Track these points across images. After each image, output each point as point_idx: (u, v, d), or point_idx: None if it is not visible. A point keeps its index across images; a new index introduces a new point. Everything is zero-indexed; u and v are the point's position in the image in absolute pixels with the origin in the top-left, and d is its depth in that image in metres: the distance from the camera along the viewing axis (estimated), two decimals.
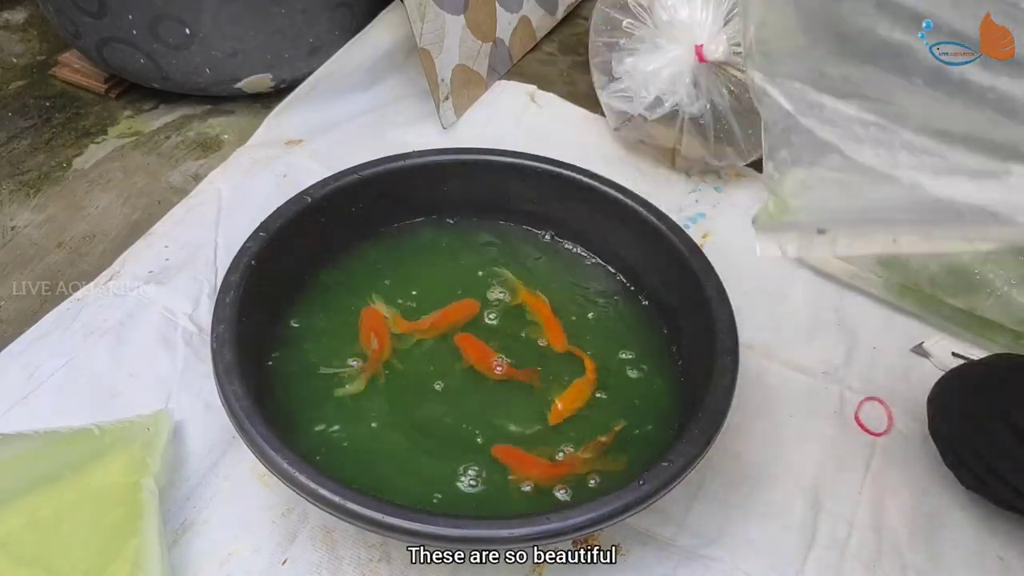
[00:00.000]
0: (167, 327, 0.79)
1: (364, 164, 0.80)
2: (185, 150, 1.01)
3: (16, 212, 0.92)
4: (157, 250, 0.86)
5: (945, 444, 0.71)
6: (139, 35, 0.94)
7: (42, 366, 0.75)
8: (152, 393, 0.74)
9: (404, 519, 0.55)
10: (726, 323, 0.70)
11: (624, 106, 0.98)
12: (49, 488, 0.61)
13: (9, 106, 1.05)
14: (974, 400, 0.68)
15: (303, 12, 0.99)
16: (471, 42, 1.05)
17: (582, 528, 0.56)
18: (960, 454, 0.69)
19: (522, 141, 0.98)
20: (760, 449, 0.76)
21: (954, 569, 0.69)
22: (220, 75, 1.00)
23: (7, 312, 0.81)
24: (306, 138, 1.00)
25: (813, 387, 0.81)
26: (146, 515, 0.61)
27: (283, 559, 0.65)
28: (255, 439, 0.59)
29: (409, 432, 0.69)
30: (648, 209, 0.79)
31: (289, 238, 0.75)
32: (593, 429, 0.71)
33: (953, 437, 0.70)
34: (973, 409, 0.68)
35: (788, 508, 0.72)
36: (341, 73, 1.05)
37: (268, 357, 0.72)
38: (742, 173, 1.02)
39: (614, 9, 0.99)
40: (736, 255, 0.92)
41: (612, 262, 0.84)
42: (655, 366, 0.76)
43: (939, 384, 0.73)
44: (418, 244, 0.84)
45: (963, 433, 0.68)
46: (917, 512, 0.72)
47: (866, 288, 0.89)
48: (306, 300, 0.78)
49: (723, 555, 0.68)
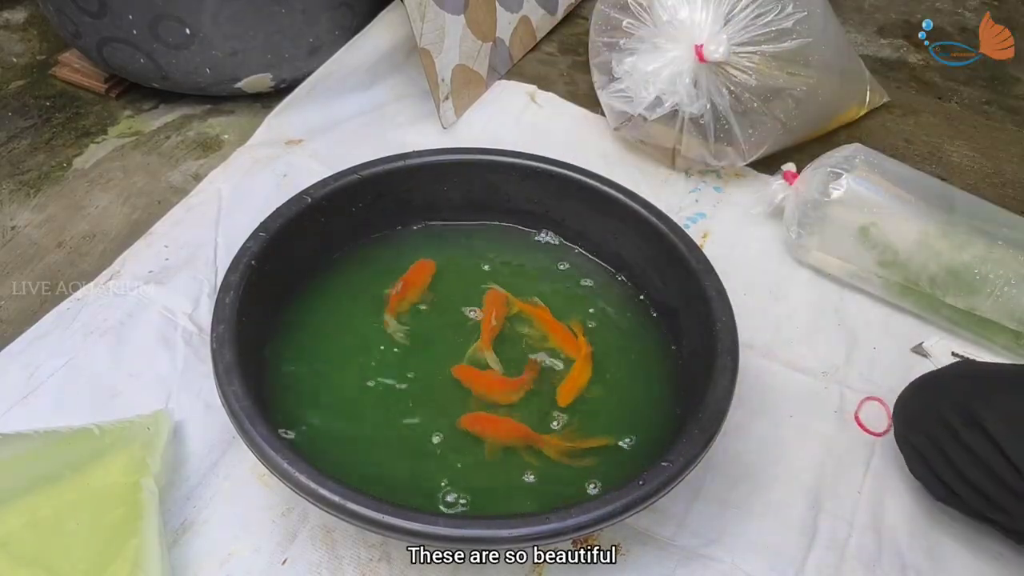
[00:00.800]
0: (167, 327, 0.79)
1: (364, 164, 0.80)
2: (185, 150, 1.01)
3: (16, 212, 0.92)
4: (157, 250, 0.86)
5: (913, 454, 0.69)
6: (139, 35, 0.94)
7: (42, 366, 0.75)
8: (152, 393, 0.74)
9: (404, 519, 0.55)
10: (726, 323, 0.70)
11: (624, 106, 0.98)
12: (49, 488, 0.62)
13: (9, 106, 1.05)
14: (944, 408, 0.66)
15: (303, 12, 0.99)
16: (471, 42, 1.05)
17: (582, 528, 0.56)
18: (930, 464, 0.67)
19: (522, 141, 0.98)
20: (760, 449, 0.76)
21: (953, 569, 0.69)
22: (220, 75, 1.00)
23: (7, 312, 0.81)
24: (306, 138, 1.00)
25: (813, 387, 0.81)
26: (146, 515, 0.61)
27: (283, 559, 0.65)
28: (255, 439, 0.59)
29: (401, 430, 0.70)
30: (648, 209, 0.79)
31: (289, 238, 0.75)
32: (589, 425, 0.71)
33: (922, 446, 0.68)
34: (943, 417, 0.65)
35: (788, 508, 0.72)
36: (341, 73, 1.05)
37: (268, 357, 0.72)
38: (742, 173, 1.02)
39: (614, 9, 0.99)
40: (736, 255, 0.93)
41: (612, 262, 0.84)
42: (655, 366, 0.76)
43: (906, 393, 0.72)
44: (418, 245, 0.84)
45: (933, 442, 0.66)
46: (917, 512, 0.72)
47: (866, 288, 0.89)
48: (306, 300, 0.78)
49: (723, 555, 0.68)
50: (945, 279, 0.83)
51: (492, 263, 0.84)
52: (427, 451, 0.69)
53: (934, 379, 0.71)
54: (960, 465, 0.64)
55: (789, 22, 0.91)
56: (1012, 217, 0.87)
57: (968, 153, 1.10)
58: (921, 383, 0.71)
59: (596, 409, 0.73)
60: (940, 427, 0.66)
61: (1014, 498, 0.62)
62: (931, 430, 0.66)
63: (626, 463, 0.69)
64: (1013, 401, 0.63)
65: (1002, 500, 0.63)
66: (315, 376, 0.73)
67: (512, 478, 0.67)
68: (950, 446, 0.65)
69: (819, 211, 0.87)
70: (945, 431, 0.65)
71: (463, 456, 0.68)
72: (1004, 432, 0.61)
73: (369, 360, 0.74)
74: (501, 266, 0.83)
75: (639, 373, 0.76)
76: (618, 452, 0.70)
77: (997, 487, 0.62)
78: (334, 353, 0.75)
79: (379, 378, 0.73)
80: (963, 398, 0.65)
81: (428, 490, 0.66)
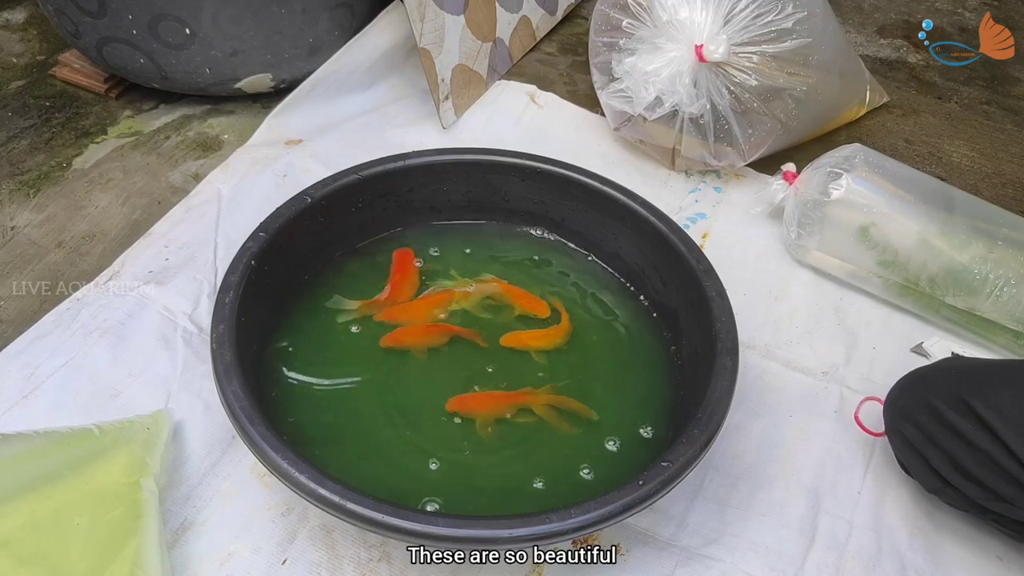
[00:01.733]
0: (167, 327, 0.79)
1: (364, 164, 0.80)
2: (185, 150, 1.01)
3: (16, 212, 0.92)
4: (157, 250, 0.86)
5: (906, 447, 0.69)
6: (139, 35, 0.94)
7: (42, 366, 0.75)
8: (152, 393, 0.74)
9: (404, 519, 0.55)
10: (726, 323, 0.70)
11: (624, 106, 0.98)
12: (49, 488, 0.61)
13: (9, 106, 1.05)
14: (935, 400, 0.66)
15: (303, 12, 0.99)
16: (471, 42, 1.05)
17: (582, 528, 0.56)
18: (924, 456, 0.67)
19: (522, 141, 0.98)
20: (760, 449, 0.76)
21: (953, 569, 0.69)
22: (220, 75, 1.00)
23: (7, 312, 0.81)
24: (306, 138, 1.00)
25: (813, 387, 0.81)
26: (146, 515, 0.61)
27: (283, 559, 0.65)
28: (255, 439, 0.59)
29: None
30: (648, 209, 0.79)
31: (289, 238, 0.75)
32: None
33: (915, 438, 0.67)
34: (935, 408, 0.65)
35: (788, 508, 0.72)
36: (341, 73, 1.05)
37: (268, 357, 0.72)
38: (742, 173, 1.02)
39: (614, 9, 0.99)
40: (736, 255, 0.93)
41: (612, 262, 0.84)
42: (655, 367, 0.76)
43: (896, 388, 0.71)
44: (418, 244, 0.84)
45: (925, 434, 0.66)
46: (917, 512, 0.72)
47: (866, 288, 0.89)
48: (306, 300, 0.78)
49: (723, 555, 0.68)
50: (945, 279, 0.83)
51: (492, 263, 0.84)
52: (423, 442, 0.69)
53: (923, 373, 0.71)
54: (954, 454, 0.64)
55: (789, 22, 0.91)
56: (1012, 217, 0.87)
57: (968, 153, 1.10)
58: (910, 378, 0.71)
59: (595, 409, 0.73)
60: (932, 418, 0.66)
61: (1013, 486, 0.62)
62: (923, 421, 0.66)
63: (626, 463, 0.69)
64: (1006, 391, 0.63)
65: (1000, 488, 0.63)
66: (315, 376, 0.73)
67: (516, 485, 0.68)
68: (943, 436, 0.65)
69: (819, 211, 0.87)
70: (937, 422, 0.65)
71: (457, 440, 0.70)
72: (998, 419, 0.61)
73: (369, 360, 0.74)
74: (501, 266, 0.83)
75: (639, 373, 0.76)
76: (616, 451, 0.70)
77: (994, 476, 0.62)
78: (334, 353, 0.75)
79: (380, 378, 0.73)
80: (955, 389, 0.65)
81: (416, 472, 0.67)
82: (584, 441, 0.71)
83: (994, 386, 0.64)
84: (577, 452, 0.70)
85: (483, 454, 0.69)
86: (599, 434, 0.71)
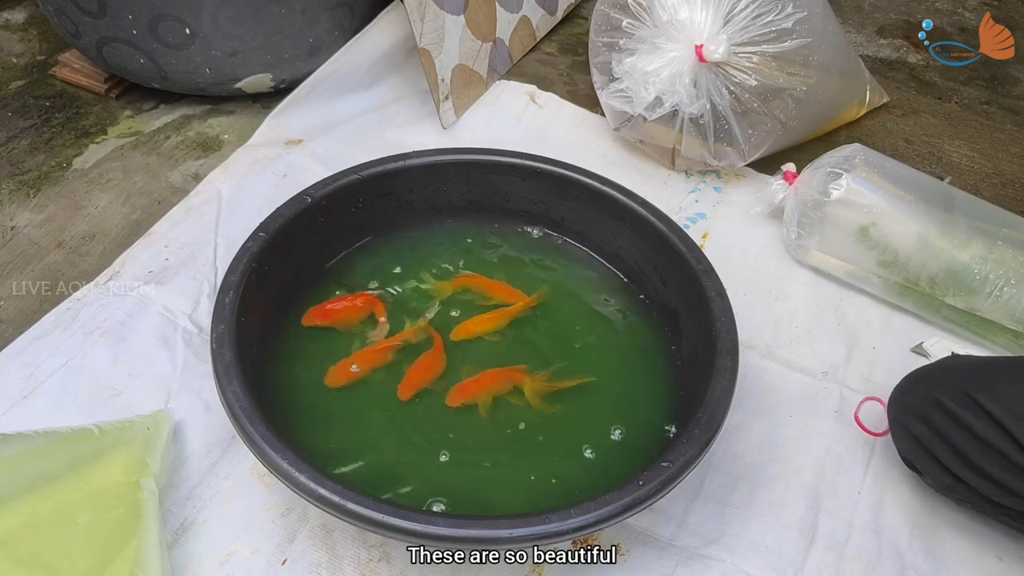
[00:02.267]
0: (167, 327, 0.79)
1: (364, 164, 0.80)
2: (185, 150, 1.01)
3: (16, 212, 0.92)
4: (157, 250, 0.86)
5: (913, 446, 0.69)
6: (139, 35, 0.94)
7: (42, 366, 0.75)
8: (152, 393, 0.74)
9: (404, 519, 0.55)
10: (726, 323, 0.70)
11: (624, 106, 0.98)
12: (49, 488, 0.62)
13: (9, 106, 1.05)
14: (941, 396, 0.66)
15: (303, 12, 0.99)
16: (471, 42, 1.05)
17: (582, 528, 0.56)
18: (933, 453, 0.67)
19: (522, 141, 0.98)
20: (760, 449, 0.76)
21: (953, 569, 0.69)
22: (220, 75, 1.00)
23: (7, 312, 0.81)
24: (306, 138, 1.00)
25: (813, 387, 0.81)
26: (146, 515, 0.61)
27: (283, 559, 0.65)
28: (255, 439, 0.59)
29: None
30: (648, 209, 0.79)
31: (289, 238, 0.75)
32: (587, 417, 0.72)
33: (923, 436, 0.67)
34: (942, 404, 0.65)
35: (788, 508, 0.72)
36: (341, 73, 1.05)
37: (268, 357, 0.72)
38: (742, 173, 1.02)
39: (614, 9, 0.99)
40: (736, 255, 0.93)
41: (612, 262, 0.84)
42: (655, 366, 0.76)
43: (899, 387, 0.71)
44: (418, 244, 0.84)
45: (934, 430, 0.66)
46: (917, 512, 0.72)
47: (866, 288, 0.89)
48: (306, 300, 0.78)
49: (723, 555, 0.68)
50: (945, 279, 0.83)
51: (491, 262, 0.84)
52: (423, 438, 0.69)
53: (927, 371, 0.71)
54: (964, 449, 0.64)
55: (789, 22, 0.91)
56: (1012, 217, 0.87)
57: (968, 153, 1.10)
58: (914, 377, 0.71)
59: (596, 409, 0.73)
60: (940, 414, 0.65)
61: (1023, 480, 0.62)
62: (931, 417, 0.66)
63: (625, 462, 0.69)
64: (1012, 385, 0.63)
65: (1009, 482, 0.63)
66: (315, 375, 0.73)
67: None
68: (952, 432, 0.65)
69: (819, 211, 0.87)
70: (946, 418, 0.65)
71: (459, 433, 0.70)
72: (1005, 413, 0.61)
73: None
74: (501, 265, 0.83)
75: (639, 373, 0.76)
76: (613, 449, 0.70)
77: (1004, 470, 0.62)
78: (334, 352, 0.75)
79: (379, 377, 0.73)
80: (961, 384, 0.65)
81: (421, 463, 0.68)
82: (584, 439, 0.71)
83: (1000, 381, 0.64)
84: (578, 446, 0.70)
85: (486, 452, 0.69)
86: (599, 433, 0.71)
